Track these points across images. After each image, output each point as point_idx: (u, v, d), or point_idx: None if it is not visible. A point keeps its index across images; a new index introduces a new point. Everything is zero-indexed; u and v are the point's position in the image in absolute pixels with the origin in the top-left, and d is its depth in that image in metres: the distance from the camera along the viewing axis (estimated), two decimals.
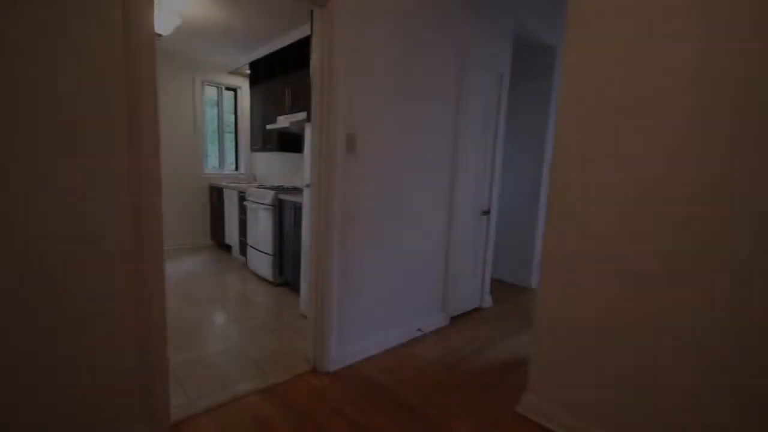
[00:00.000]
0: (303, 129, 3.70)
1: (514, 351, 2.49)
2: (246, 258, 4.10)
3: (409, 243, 2.47)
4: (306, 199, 2.72)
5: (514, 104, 3.48)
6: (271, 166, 4.96)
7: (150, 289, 1.44)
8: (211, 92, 5.13)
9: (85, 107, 1.25)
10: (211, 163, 5.30)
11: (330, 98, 1.93)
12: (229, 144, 5.44)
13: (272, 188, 3.77)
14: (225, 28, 3.72)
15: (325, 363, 2.10)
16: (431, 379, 2.12)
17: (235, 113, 5.36)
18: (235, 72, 5.03)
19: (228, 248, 4.80)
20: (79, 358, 1.33)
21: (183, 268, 4.05)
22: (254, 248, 3.81)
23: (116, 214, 1.35)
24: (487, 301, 3.26)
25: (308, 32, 3.45)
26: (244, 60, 4.65)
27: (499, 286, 3.77)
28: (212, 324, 2.73)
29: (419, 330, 2.62)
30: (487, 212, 3.07)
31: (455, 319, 2.94)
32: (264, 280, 3.73)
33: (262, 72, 4.33)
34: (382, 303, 2.38)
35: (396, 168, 2.30)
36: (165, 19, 2.94)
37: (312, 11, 2.00)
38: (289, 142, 4.14)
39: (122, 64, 1.29)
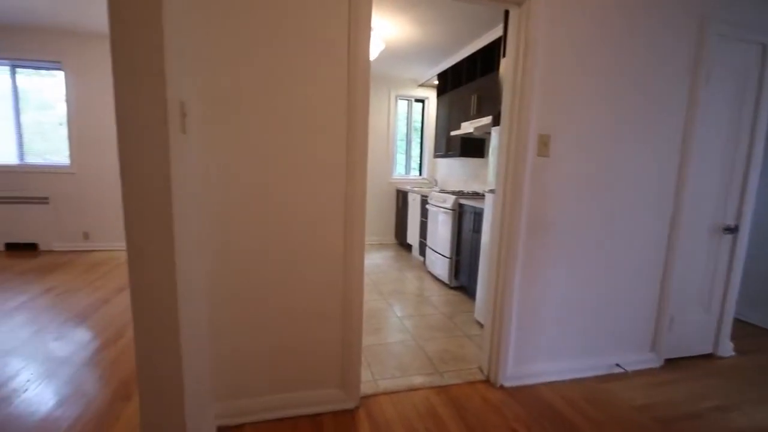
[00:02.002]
0: (487, 134, 3.66)
1: None
2: (424, 258, 4.34)
3: (609, 261, 2.09)
4: (488, 205, 2.67)
5: None
6: (452, 172, 5.10)
7: (352, 276, 1.68)
8: (401, 105, 5.66)
9: (324, 122, 1.57)
10: (398, 169, 5.85)
11: (522, 98, 1.82)
12: (415, 151, 5.89)
13: (453, 193, 3.86)
14: (418, 46, 4.04)
15: (500, 377, 2.00)
16: (631, 426, 1.74)
17: (422, 123, 5.77)
18: (424, 84, 5.42)
19: (409, 247, 5.20)
20: (307, 325, 1.68)
21: (371, 262, 4.60)
22: (432, 250, 3.99)
23: (335, 205, 1.64)
24: (726, 348, 2.45)
25: (495, 37, 3.42)
26: (432, 72, 4.95)
27: (746, 330, 2.79)
28: (393, 315, 2.99)
29: (618, 366, 2.19)
30: (732, 229, 2.30)
31: (672, 363, 2.33)
32: (440, 281, 3.87)
33: (448, 81, 4.51)
34: (571, 327, 2.10)
35: (597, 173, 1.99)
36: (373, 47, 3.41)
37: (507, 11, 1.94)
38: (471, 148, 4.16)
39: (345, 90, 1.57)
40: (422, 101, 5.69)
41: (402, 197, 5.30)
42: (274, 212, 1.58)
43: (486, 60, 3.68)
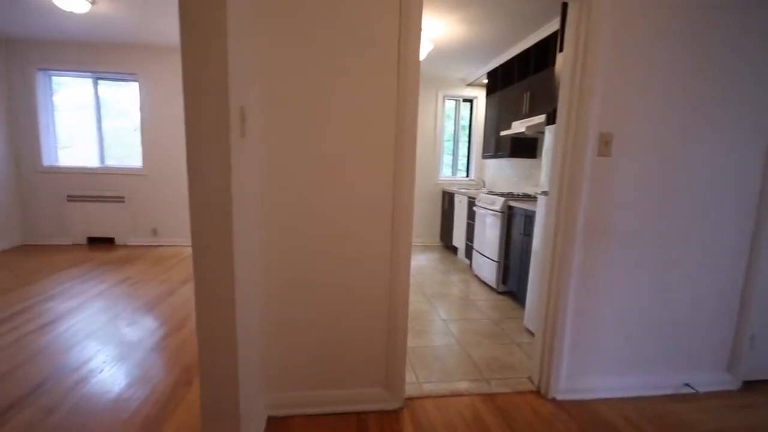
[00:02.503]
0: (540, 133, 3.50)
1: None
2: (471, 261, 4.25)
3: (680, 270, 1.91)
4: (540, 208, 2.55)
5: None
6: (501, 173, 4.94)
7: (398, 277, 1.68)
8: (449, 105, 5.59)
9: (373, 124, 1.59)
10: (445, 170, 5.77)
11: (581, 95, 1.72)
12: (462, 152, 5.78)
13: (501, 195, 3.74)
14: (468, 45, 3.96)
15: (552, 389, 1.90)
16: None
17: (470, 123, 5.65)
18: (473, 84, 5.30)
19: (454, 250, 5.11)
20: (354, 323, 1.71)
21: (415, 264, 4.58)
22: (480, 253, 3.89)
23: (383, 205, 1.65)
24: None
25: (549, 32, 3.26)
26: (481, 71, 4.83)
27: None
28: (437, 318, 2.95)
29: (687, 386, 1.99)
30: None
31: (752, 386, 2.08)
32: (486, 285, 3.76)
33: (499, 80, 4.38)
34: (634, 340, 1.95)
35: (667, 175, 1.83)
36: (422, 47, 3.40)
37: (564, 4, 1.84)
38: (522, 148, 4.00)
39: (395, 92, 1.58)
40: (470, 101, 5.58)
41: (448, 199, 5.23)
42: (323, 211, 1.63)
43: (539, 56, 3.52)
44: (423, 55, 3.57)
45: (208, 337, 1.14)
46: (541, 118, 3.15)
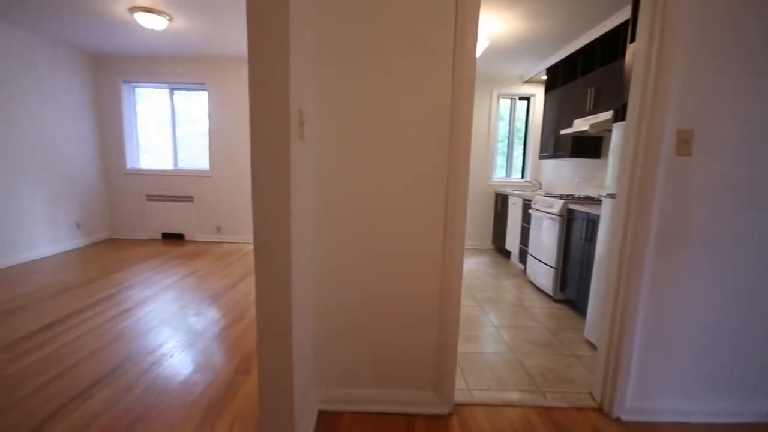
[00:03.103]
0: (606, 131, 3.26)
1: None
2: (525, 266, 4.06)
3: (765, 286, 1.68)
4: (605, 212, 2.37)
5: None
6: (560, 174, 4.68)
7: (450, 279, 1.65)
8: (503, 104, 5.39)
9: (427, 125, 1.58)
10: (498, 171, 5.58)
11: (656, 88, 1.57)
12: (517, 152, 5.55)
13: (560, 197, 3.53)
14: (526, 41, 3.80)
15: (616, 408, 1.76)
16: None
17: (526, 122, 5.41)
18: (530, 81, 5.08)
19: (507, 254, 4.92)
20: (404, 323, 1.71)
21: (466, 267, 4.47)
22: (535, 258, 3.71)
23: (436, 207, 1.63)
24: None
25: (618, 22, 3.02)
26: (540, 67, 4.60)
27: None
28: (489, 324, 2.85)
29: None
30: None
31: None
32: (542, 292, 3.57)
33: (559, 76, 4.15)
34: (714, 360, 1.74)
35: (757, 178, 1.61)
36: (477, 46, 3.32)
37: None
38: (585, 147, 3.75)
39: (449, 92, 1.55)
40: (527, 99, 5.34)
41: (501, 201, 5.05)
42: (374, 211, 1.64)
43: (606, 49, 3.28)
44: (478, 53, 3.47)
45: (266, 329, 1.20)
46: (607, 115, 2.93)
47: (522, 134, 5.49)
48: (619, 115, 2.32)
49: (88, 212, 4.96)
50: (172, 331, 2.52)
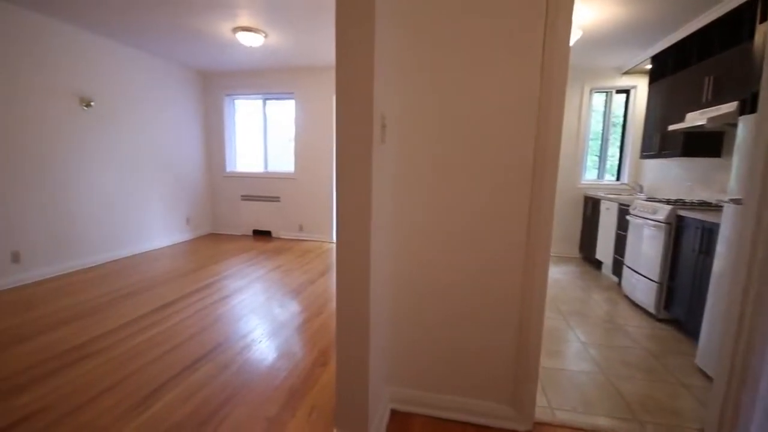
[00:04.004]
0: (728, 125, 2.79)
1: None
2: (620, 279, 3.65)
3: None
4: (728, 220, 2.02)
5: None
6: (667, 176, 4.11)
7: (533, 287, 1.54)
8: (596, 99, 4.91)
9: (512, 124, 1.51)
10: (589, 173, 5.10)
11: None
12: (612, 152, 5.02)
13: (668, 202, 3.10)
14: (625, 27, 3.42)
15: None
16: None
17: (624, 118, 4.86)
18: (630, 72, 4.55)
19: (597, 264, 4.47)
20: (481, 330, 1.65)
21: (549, 276, 4.15)
22: (633, 270, 3.30)
23: (519, 210, 1.54)
24: None
25: (740, 1, 2.55)
26: (643, 56, 4.10)
27: None
28: (575, 339, 2.61)
29: None
30: None
31: None
32: (640, 309, 3.16)
33: (668, 64, 3.65)
34: None
35: None
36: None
37: None
38: (700, 145, 3.24)
39: (537, 90, 1.46)
40: (626, 92, 4.80)
41: (591, 205, 4.60)
42: (453, 213, 1.61)
43: (728, 31, 2.80)
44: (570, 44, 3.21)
45: (345, 324, 1.24)
46: (730, 107, 2.50)
47: (618, 132, 4.94)
48: (747, 107, 1.96)
49: (195, 210, 5.67)
50: (260, 320, 2.75)
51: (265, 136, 5.84)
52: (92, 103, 3.97)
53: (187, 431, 1.60)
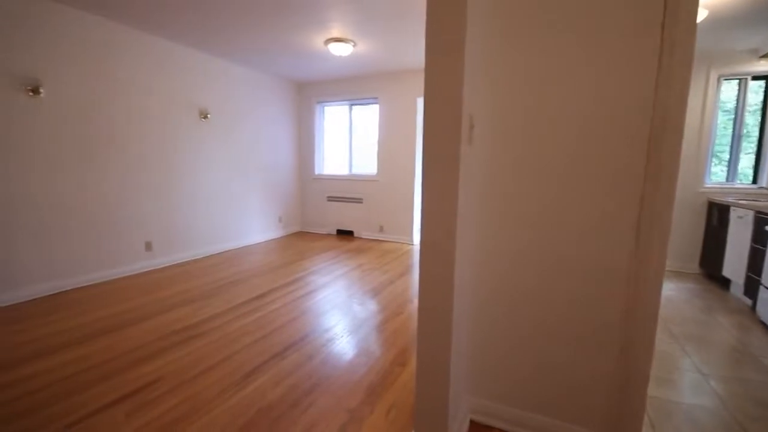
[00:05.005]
0: None
1: None
2: (754, 301, 3.03)
3: None
4: None
5: None
6: None
7: (644, 302, 1.36)
8: (725, 88, 4.16)
9: (619, 122, 1.35)
10: (714, 175, 4.34)
11: None
12: (747, 149, 4.20)
13: None
14: (763, 1, 2.84)
15: None
16: None
17: (764, 109, 4.04)
18: None
19: (724, 282, 3.77)
20: (574, 346, 1.50)
21: (662, 293, 3.63)
22: None
23: (624, 216, 1.37)
24: None
25: None
26: None
27: None
28: (691, 368, 2.23)
29: None
30: None
31: None
32: None
33: None
34: None
35: None
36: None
37: None
38: None
39: (652, 82, 1.28)
40: (765, 78, 3.99)
41: (717, 212, 3.90)
42: (543, 218, 1.49)
43: None
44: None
45: (427, 326, 1.23)
46: None
47: (754, 125, 4.12)
48: None
49: (287, 209, 6.17)
50: (341, 316, 2.88)
51: (351, 140, 6.11)
52: (209, 115, 4.56)
53: (279, 412, 1.74)
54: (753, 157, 4.17)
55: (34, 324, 2.63)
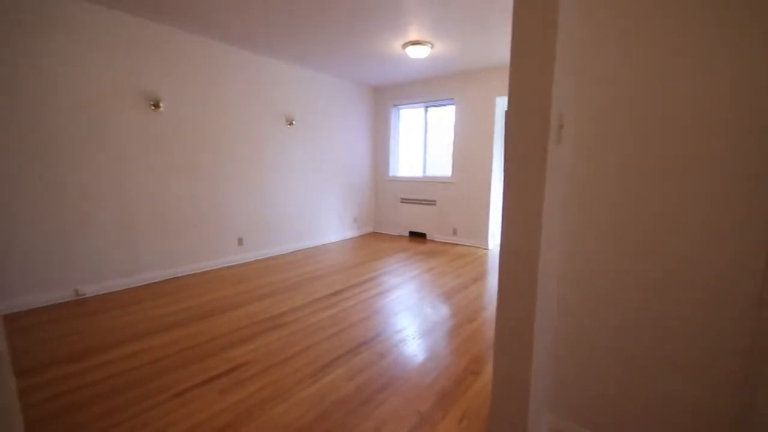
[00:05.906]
0: None
1: None
2: None
3: None
4: None
5: None
6: None
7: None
8: None
9: (735, 108, 1.16)
10: None
11: None
12: None
13: None
14: None
15: None
16: None
17: None
18: None
19: None
20: (680, 374, 1.32)
21: None
22: None
23: (744, 221, 1.17)
24: None
25: None
26: None
27: None
28: None
29: None
30: None
31: None
32: None
33: None
34: None
35: None
36: None
37: None
38: None
39: None
40: None
41: None
42: (641, 224, 1.33)
43: None
44: None
45: (505, 337, 1.17)
46: None
47: None
48: None
49: (361, 210, 6.38)
50: (413, 318, 2.88)
51: (425, 142, 6.11)
52: (294, 122, 4.91)
53: (352, 406, 1.80)
54: None
55: (141, 307, 3.08)
